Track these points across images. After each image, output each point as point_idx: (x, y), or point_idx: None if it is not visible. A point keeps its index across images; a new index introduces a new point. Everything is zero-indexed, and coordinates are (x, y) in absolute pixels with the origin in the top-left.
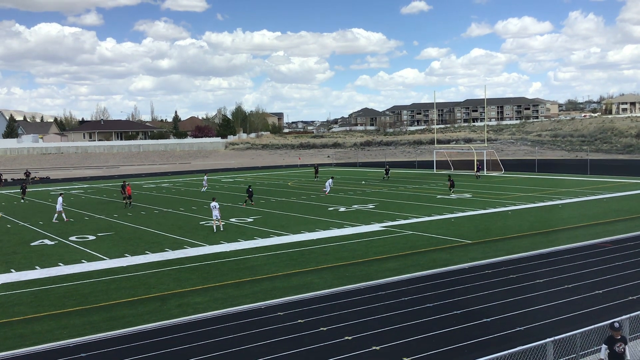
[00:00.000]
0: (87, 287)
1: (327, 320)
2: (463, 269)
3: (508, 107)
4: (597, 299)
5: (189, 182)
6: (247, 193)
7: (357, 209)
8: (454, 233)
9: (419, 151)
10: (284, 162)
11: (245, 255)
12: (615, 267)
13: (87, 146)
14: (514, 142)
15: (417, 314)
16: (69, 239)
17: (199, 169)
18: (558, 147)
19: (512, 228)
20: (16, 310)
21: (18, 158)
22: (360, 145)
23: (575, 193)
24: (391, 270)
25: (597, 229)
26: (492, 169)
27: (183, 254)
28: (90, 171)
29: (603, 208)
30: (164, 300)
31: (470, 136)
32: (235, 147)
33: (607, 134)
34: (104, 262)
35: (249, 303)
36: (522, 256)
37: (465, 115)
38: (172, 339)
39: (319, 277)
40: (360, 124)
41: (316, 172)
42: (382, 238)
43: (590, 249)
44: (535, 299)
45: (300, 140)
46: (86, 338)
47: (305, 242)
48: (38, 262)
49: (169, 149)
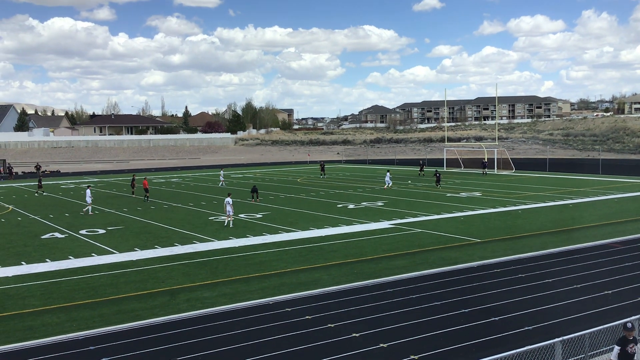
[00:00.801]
0: (97, 281)
1: (335, 317)
2: (472, 268)
3: (519, 106)
4: (607, 299)
5: (198, 177)
6: (252, 191)
7: (366, 206)
8: (463, 231)
9: (429, 149)
10: (294, 158)
11: (254, 251)
12: (626, 268)
13: (98, 140)
14: (525, 141)
15: (425, 312)
16: (79, 233)
17: (208, 165)
18: (570, 146)
19: (522, 227)
20: (26, 303)
21: (29, 151)
22: (370, 142)
23: (586, 193)
24: (400, 267)
25: (608, 229)
26: (503, 168)
27: (192, 249)
28: (100, 165)
29: (614, 208)
30: (173, 294)
31: (481, 134)
32: (244, 143)
33: (619, 133)
34: (114, 255)
35: (257, 298)
36: (531, 255)
37: (476, 114)
38: (181, 333)
39: (327, 274)
40: (371, 121)
41: (322, 169)
42: (391, 235)
43: (601, 249)
44: (544, 299)
45: (310, 136)
46: (95, 331)
47: (313, 239)
48: (48, 255)
49: (179, 144)
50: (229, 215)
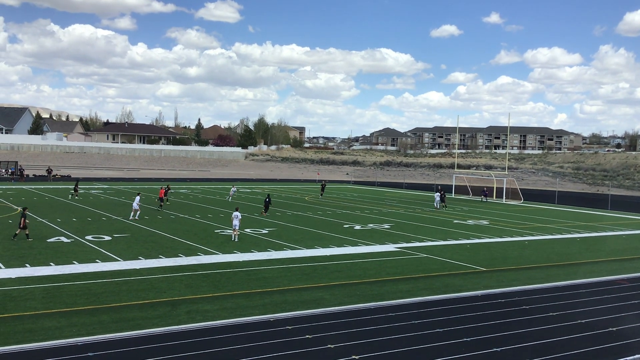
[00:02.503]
0: (99, 287)
1: (335, 338)
2: (476, 296)
3: (531, 137)
4: (611, 336)
5: (207, 189)
6: (265, 202)
7: (372, 228)
8: (468, 259)
9: (439, 174)
10: (303, 176)
11: (257, 267)
12: (631, 306)
13: (110, 147)
14: (535, 172)
15: (426, 338)
16: (85, 238)
17: (217, 178)
18: (579, 180)
19: (528, 258)
20: (28, 305)
21: (41, 155)
22: (379, 164)
23: (594, 227)
24: (403, 292)
25: (615, 265)
26: (512, 198)
27: (196, 261)
28: (111, 172)
29: (622, 245)
30: (174, 305)
31: (491, 163)
32: (255, 158)
33: (630, 170)
34: (118, 263)
35: (258, 314)
36: (536, 287)
37: (487, 142)
38: (179, 345)
39: (330, 294)
40: (381, 143)
41: (322, 189)
42: (395, 259)
43: (607, 285)
44: (547, 332)
45: (320, 155)
46: (94, 337)
47: (318, 258)
48: (53, 258)
49: (190, 155)
50: (235, 230)
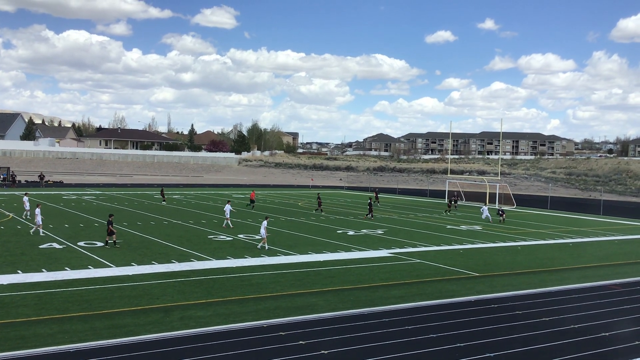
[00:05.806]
0: (92, 294)
1: (328, 344)
2: (469, 302)
3: (524, 142)
4: (603, 341)
5: (200, 195)
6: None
7: (365, 233)
8: (461, 264)
9: (432, 180)
10: (296, 182)
11: (251, 272)
12: (624, 311)
13: (103, 153)
14: (528, 178)
15: (419, 343)
16: (77, 244)
17: (211, 183)
18: (572, 185)
19: (521, 264)
20: (19, 312)
21: (34, 160)
22: (373, 170)
23: (586, 233)
24: (396, 297)
25: (607, 270)
26: (504, 203)
27: (189, 267)
28: (103, 178)
29: (614, 250)
30: (167, 311)
31: (484, 168)
32: (248, 164)
33: (622, 175)
34: (110, 269)
35: (251, 320)
36: (529, 293)
37: (480, 148)
38: (172, 352)
39: (324, 299)
40: (375, 149)
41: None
42: (389, 264)
43: (599, 290)
44: (539, 337)
45: (313, 161)
46: (87, 344)
47: (311, 263)
48: (45, 265)
49: (183, 161)
50: (264, 239)
